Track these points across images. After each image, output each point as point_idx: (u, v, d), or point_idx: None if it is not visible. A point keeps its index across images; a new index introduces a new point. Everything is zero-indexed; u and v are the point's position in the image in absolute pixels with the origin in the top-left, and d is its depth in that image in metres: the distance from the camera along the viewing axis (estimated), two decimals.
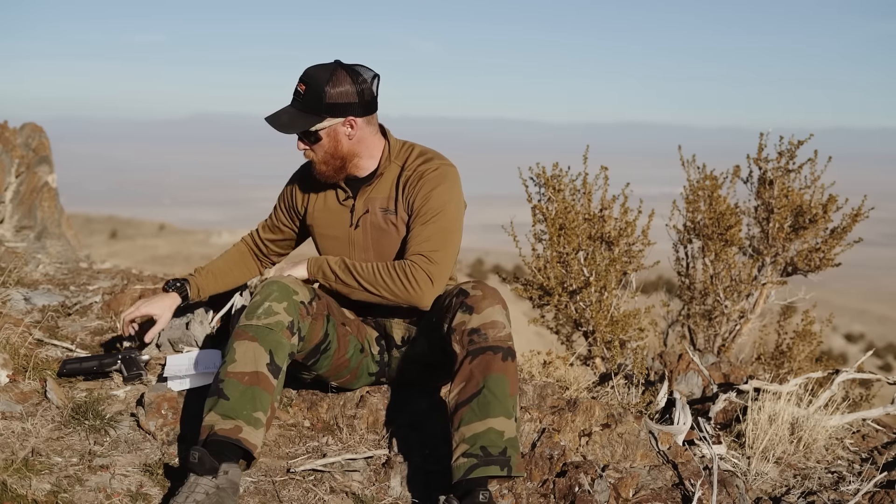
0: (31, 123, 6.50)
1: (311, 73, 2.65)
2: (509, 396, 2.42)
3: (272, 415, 2.46)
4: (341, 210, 2.83)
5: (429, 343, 2.72)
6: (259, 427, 2.39)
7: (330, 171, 2.75)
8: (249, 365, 2.43)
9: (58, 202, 6.24)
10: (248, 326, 2.49)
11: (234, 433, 2.35)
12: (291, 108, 2.68)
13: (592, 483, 2.53)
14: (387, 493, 2.57)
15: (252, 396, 2.40)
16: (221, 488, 2.27)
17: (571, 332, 4.06)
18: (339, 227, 2.82)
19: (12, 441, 2.51)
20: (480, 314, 2.48)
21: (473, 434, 2.38)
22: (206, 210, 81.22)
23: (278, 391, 2.49)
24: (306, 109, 2.66)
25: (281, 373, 2.49)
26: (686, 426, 2.96)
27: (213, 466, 2.28)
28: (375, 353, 2.86)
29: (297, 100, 2.67)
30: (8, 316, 3.38)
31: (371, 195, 2.79)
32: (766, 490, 2.80)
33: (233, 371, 2.43)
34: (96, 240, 39.23)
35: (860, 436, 3.27)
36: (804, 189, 4.30)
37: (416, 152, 2.80)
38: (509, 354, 2.46)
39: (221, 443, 2.35)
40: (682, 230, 4.48)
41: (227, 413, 2.38)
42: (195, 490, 2.24)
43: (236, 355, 2.45)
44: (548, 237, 3.93)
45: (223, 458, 2.33)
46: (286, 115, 2.68)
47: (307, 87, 2.65)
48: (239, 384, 2.41)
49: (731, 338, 4.44)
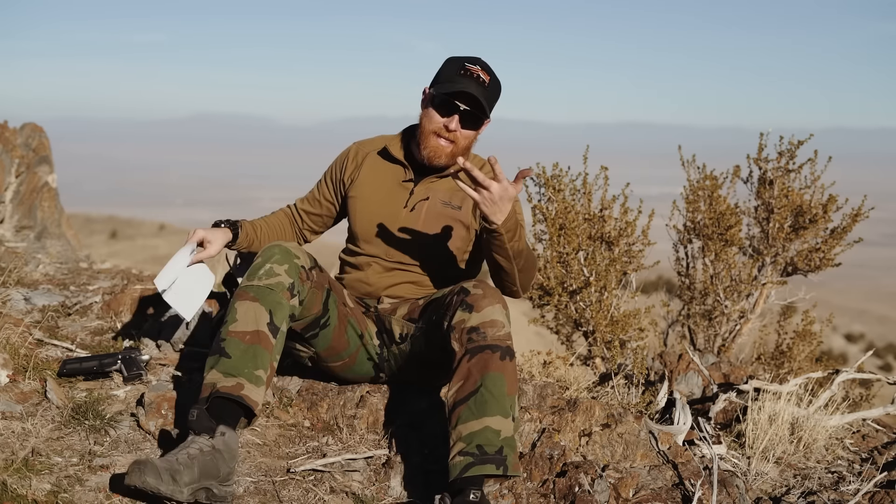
0: (31, 123, 6.50)
1: (489, 68, 2.75)
2: (507, 396, 2.42)
3: (272, 374, 2.50)
4: (397, 189, 2.86)
5: (428, 341, 2.72)
6: (260, 385, 2.44)
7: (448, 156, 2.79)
8: (251, 324, 2.48)
9: (58, 202, 6.24)
10: (250, 287, 2.54)
11: (237, 390, 2.39)
12: (481, 91, 2.71)
13: (592, 483, 2.53)
14: (387, 493, 2.57)
15: (253, 355, 2.45)
16: (217, 449, 2.29)
17: (571, 332, 4.07)
18: (390, 205, 2.85)
19: (12, 441, 2.51)
20: (480, 313, 2.49)
21: (470, 433, 2.38)
22: (206, 210, 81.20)
23: (277, 351, 2.53)
24: (489, 97, 2.74)
25: (280, 333, 2.53)
26: (686, 426, 2.96)
27: (209, 426, 2.32)
28: (376, 346, 2.86)
29: (482, 86, 2.71)
30: (8, 316, 3.38)
31: (436, 185, 2.84)
32: (766, 490, 2.80)
33: (234, 330, 2.48)
34: (96, 240, 39.20)
35: (860, 436, 3.27)
36: (804, 189, 4.30)
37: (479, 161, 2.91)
38: (508, 354, 2.46)
39: (223, 404, 2.39)
40: (682, 230, 4.48)
41: (230, 371, 2.42)
42: (190, 445, 2.28)
43: (237, 315, 2.50)
44: (548, 237, 3.93)
45: (222, 420, 2.37)
46: (483, 93, 2.71)
47: (491, 78, 2.73)
48: (240, 343, 2.46)
49: (731, 338, 4.44)
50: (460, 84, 2.69)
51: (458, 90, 2.68)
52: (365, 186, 2.90)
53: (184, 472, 2.20)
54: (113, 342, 3.38)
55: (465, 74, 2.70)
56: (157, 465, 2.18)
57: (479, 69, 2.72)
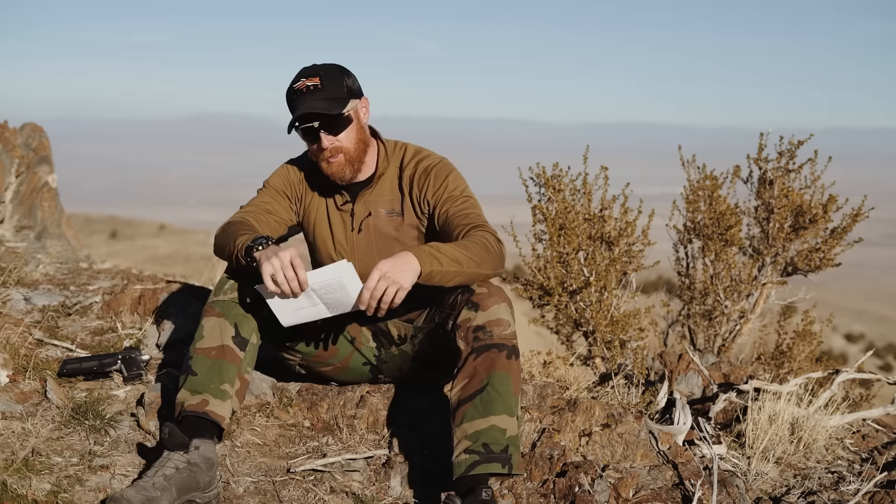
0: (31, 123, 6.49)
1: (314, 68, 2.63)
2: (512, 395, 2.42)
3: (243, 386, 2.53)
4: (339, 215, 2.79)
5: (430, 341, 2.71)
6: (226, 399, 2.47)
7: (351, 167, 2.67)
8: (216, 340, 2.52)
9: (58, 202, 6.24)
10: (215, 303, 2.57)
11: (202, 406, 2.44)
12: (314, 100, 2.57)
13: (592, 483, 2.53)
14: (387, 493, 2.57)
15: (219, 370, 2.49)
16: (193, 463, 2.33)
17: (571, 332, 4.06)
18: (339, 232, 2.78)
19: (12, 441, 2.51)
20: (486, 311, 2.48)
21: (476, 431, 2.38)
22: (206, 210, 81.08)
23: (248, 363, 2.55)
24: (329, 94, 2.59)
25: (249, 345, 2.55)
26: (686, 426, 2.96)
27: (182, 442, 2.36)
28: (373, 347, 2.84)
29: (314, 91, 2.58)
30: (8, 316, 3.38)
31: (371, 198, 2.76)
32: (766, 490, 2.80)
33: (200, 347, 2.52)
34: (96, 240, 39.18)
35: (860, 436, 3.27)
36: (804, 189, 4.30)
37: (410, 151, 2.79)
38: (513, 353, 2.46)
39: (192, 418, 2.43)
40: (682, 230, 4.48)
41: (196, 388, 2.47)
42: (165, 465, 2.31)
43: (204, 331, 2.53)
44: (548, 237, 3.93)
45: (195, 434, 2.41)
46: (320, 102, 2.57)
47: (322, 77, 2.59)
48: (206, 359, 2.50)
49: (731, 338, 4.44)
50: (298, 107, 2.58)
51: (299, 114, 2.57)
52: (316, 216, 2.80)
53: (162, 497, 2.23)
54: (113, 342, 3.37)
55: (297, 95, 2.59)
56: (133, 499, 2.18)
57: (304, 79, 2.60)
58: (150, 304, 3.61)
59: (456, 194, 2.69)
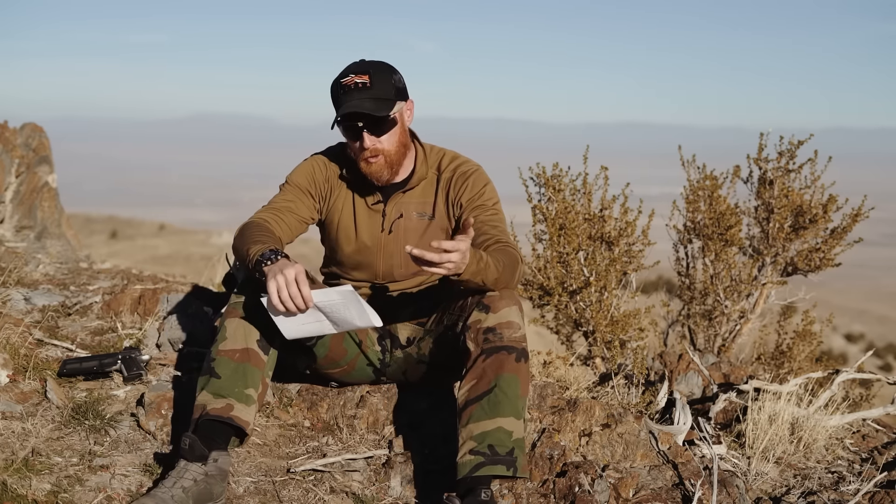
0: (31, 123, 6.49)
1: (365, 64, 2.59)
2: (520, 397, 2.42)
3: (264, 390, 2.50)
4: (370, 215, 2.75)
5: (437, 343, 2.70)
6: (251, 404, 2.45)
7: (390, 169, 2.64)
8: (240, 342, 2.47)
9: (58, 202, 6.23)
10: (238, 304, 2.52)
11: (226, 411, 2.40)
12: (362, 99, 2.53)
13: (592, 483, 2.53)
14: (387, 493, 2.57)
15: (243, 373, 2.45)
16: (210, 475, 2.33)
17: (571, 332, 4.07)
18: (368, 231, 2.74)
19: (12, 441, 2.51)
20: (497, 313, 2.48)
21: (482, 432, 2.37)
22: (206, 210, 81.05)
23: (270, 367, 2.53)
24: (379, 93, 2.55)
25: (271, 349, 2.52)
26: (686, 426, 2.96)
27: (202, 454, 2.34)
28: (377, 351, 2.83)
29: (363, 89, 2.53)
30: (8, 316, 3.38)
31: (404, 200, 2.73)
32: (766, 490, 2.80)
33: (223, 349, 2.47)
34: (96, 240, 39.15)
35: (860, 436, 3.27)
36: (804, 189, 4.30)
37: (448, 156, 2.79)
38: (523, 356, 2.46)
39: (213, 426, 2.40)
40: (682, 230, 4.48)
41: (219, 391, 2.43)
42: (183, 476, 2.30)
43: (227, 332, 2.49)
44: (548, 237, 3.93)
45: (214, 445, 2.39)
46: (367, 101, 2.52)
47: (371, 75, 2.55)
48: (230, 362, 2.46)
49: (731, 338, 4.44)
50: (345, 103, 2.54)
51: (345, 112, 2.53)
52: (341, 214, 2.76)
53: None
54: (113, 342, 3.37)
55: (345, 91, 2.55)
56: None
57: (353, 75, 2.55)
58: (150, 304, 3.61)
59: (489, 204, 2.69)
